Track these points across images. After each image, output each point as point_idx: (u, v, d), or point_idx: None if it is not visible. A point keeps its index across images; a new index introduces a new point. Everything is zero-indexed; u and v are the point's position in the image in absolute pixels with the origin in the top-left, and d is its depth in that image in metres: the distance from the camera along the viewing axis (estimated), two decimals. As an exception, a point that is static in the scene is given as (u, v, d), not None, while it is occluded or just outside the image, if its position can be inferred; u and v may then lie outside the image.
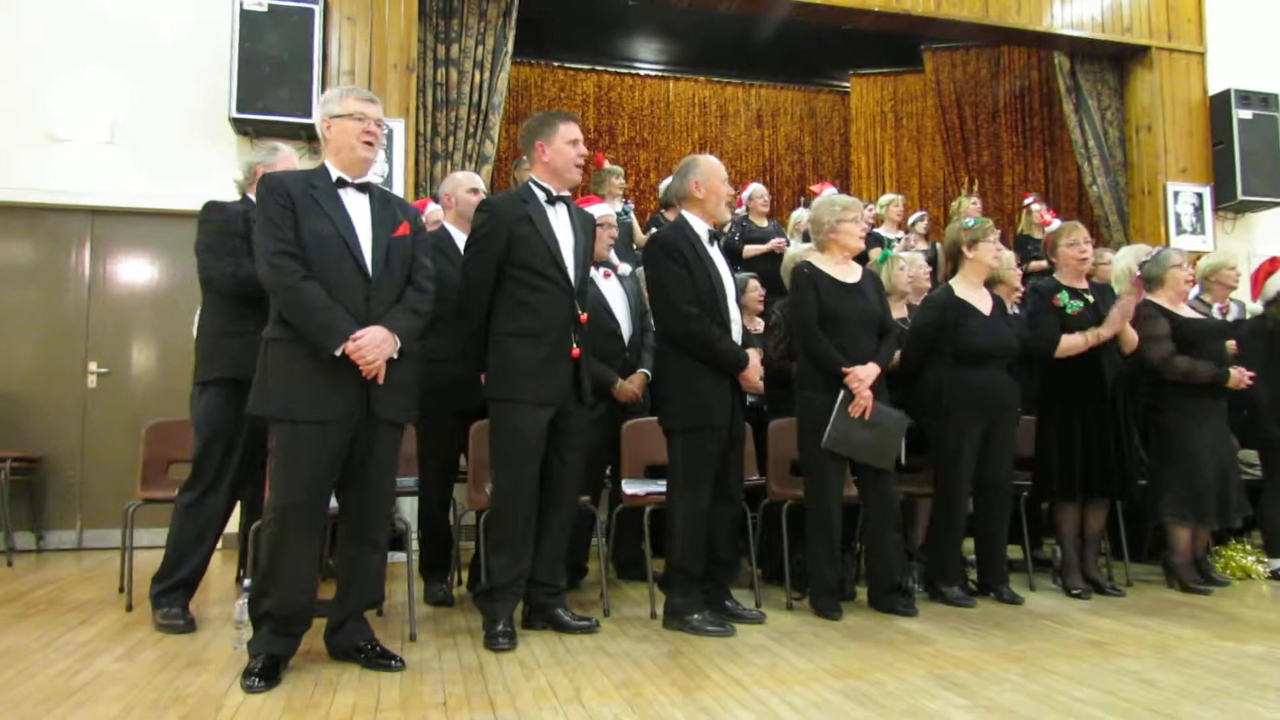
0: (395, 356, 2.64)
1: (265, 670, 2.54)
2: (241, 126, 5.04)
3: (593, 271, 3.98)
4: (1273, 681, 2.65)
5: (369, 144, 2.70)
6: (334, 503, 2.76)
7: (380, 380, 2.62)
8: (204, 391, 3.24)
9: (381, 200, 2.78)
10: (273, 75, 5.03)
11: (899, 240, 5.96)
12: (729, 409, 3.29)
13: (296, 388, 2.56)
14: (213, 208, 3.32)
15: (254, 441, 3.21)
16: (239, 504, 3.60)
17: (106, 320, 5.22)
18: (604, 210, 4.13)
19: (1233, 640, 3.16)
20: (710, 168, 3.40)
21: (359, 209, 2.71)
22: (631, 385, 3.92)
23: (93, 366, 5.16)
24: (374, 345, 2.57)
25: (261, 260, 2.61)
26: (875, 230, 6.16)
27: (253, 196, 3.23)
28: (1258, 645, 3.09)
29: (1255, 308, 5.05)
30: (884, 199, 6.41)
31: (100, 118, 5.13)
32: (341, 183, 2.70)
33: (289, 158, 3.42)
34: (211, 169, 5.00)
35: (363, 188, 2.74)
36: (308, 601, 2.66)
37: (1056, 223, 4.12)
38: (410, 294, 2.75)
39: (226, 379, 3.17)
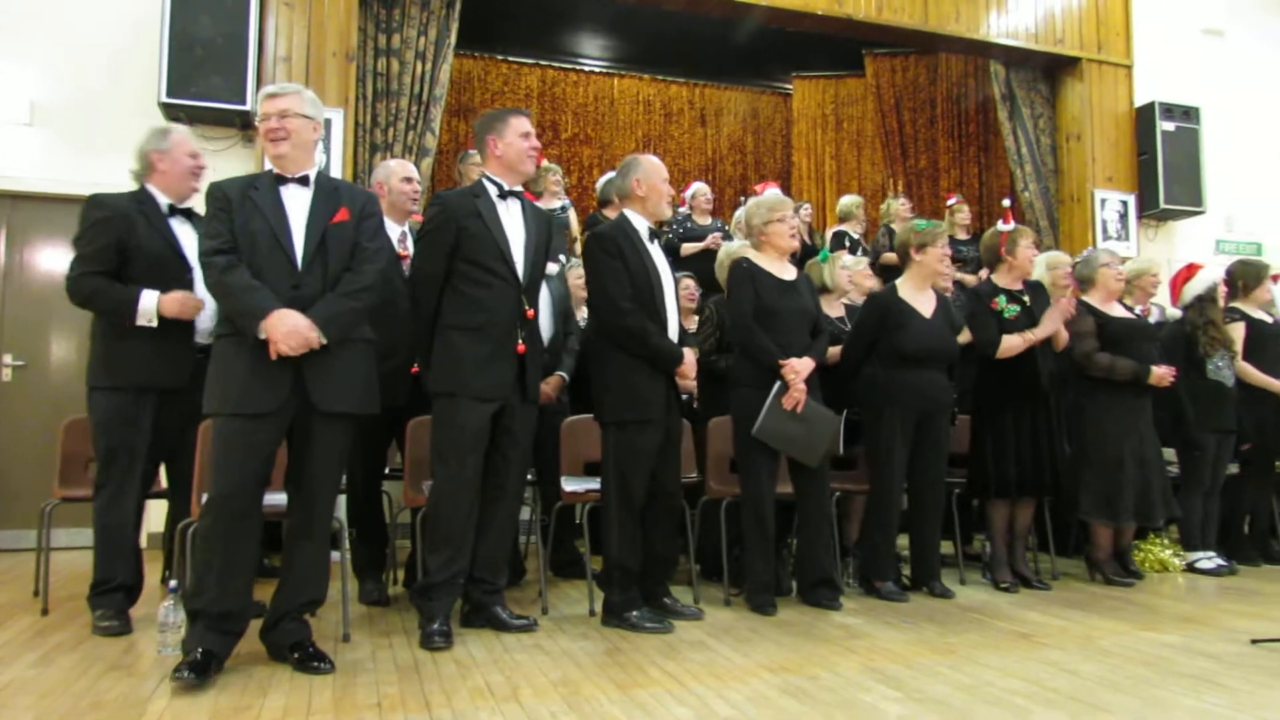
0: (324, 343, 2.59)
1: (198, 665, 2.47)
2: (172, 112, 4.86)
3: None
4: (1188, 670, 2.76)
5: (272, 140, 2.69)
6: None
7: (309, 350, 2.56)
8: (94, 396, 3.11)
9: (326, 191, 2.76)
10: (206, 60, 4.88)
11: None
12: (664, 404, 3.30)
13: (231, 382, 2.59)
14: (93, 204, 3.13)
15: (171, 441, 3.17)
16: (167, 504, 3.50)
17: (23, 310, 4.99)
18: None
19: (1152, 630, 3.28)
20: (652, 166, 3.43)
21: (298, 203, 2.71)
22: (546, 387, 3.85)
23: (7, 359, 4.93)
24: (283, 324, 2.51)
25: (201, 266, 2.67)
26: (841, 229, 6.34)
27: (150, 187, 3.18)
28: (1175, 635, 3.21)
29: (1175, 313, 5.24)
30: (850, 199, 6.60)
31: (17, 98, 4.90)
32: (282, 179, 2.70)
33: (182, 141, 3.23)
34: (139, 154, 4.81)
35: (304, 181, 2.72)
36: (243, 599, 2.62)
37: (1011, 225, 4.17)
38: (344, 277, 2.70)
39: (117, 386, 3.05)
